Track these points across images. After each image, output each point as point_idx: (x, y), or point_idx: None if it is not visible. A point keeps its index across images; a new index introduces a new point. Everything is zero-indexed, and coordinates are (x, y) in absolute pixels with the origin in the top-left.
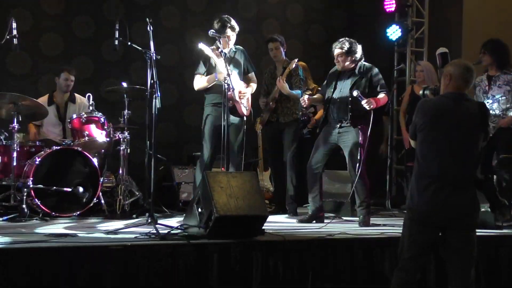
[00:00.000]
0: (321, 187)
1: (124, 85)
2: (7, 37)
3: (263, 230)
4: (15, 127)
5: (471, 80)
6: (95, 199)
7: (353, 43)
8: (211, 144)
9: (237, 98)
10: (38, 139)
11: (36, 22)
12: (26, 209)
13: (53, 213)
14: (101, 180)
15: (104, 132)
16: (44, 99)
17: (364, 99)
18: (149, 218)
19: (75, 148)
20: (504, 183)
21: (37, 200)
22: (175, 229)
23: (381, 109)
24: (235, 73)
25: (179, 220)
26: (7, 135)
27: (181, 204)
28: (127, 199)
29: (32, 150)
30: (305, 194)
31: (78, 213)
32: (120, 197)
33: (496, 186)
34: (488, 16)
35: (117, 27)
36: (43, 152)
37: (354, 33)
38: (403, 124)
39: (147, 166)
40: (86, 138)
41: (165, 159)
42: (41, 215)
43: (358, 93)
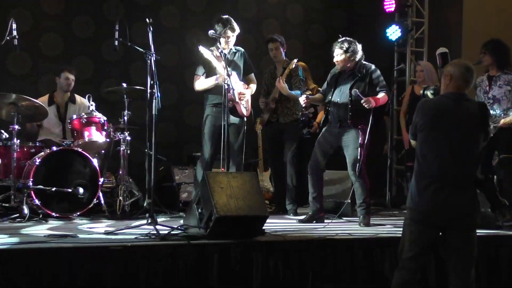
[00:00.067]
0: (321, 187)
1: (124, 85)
2: (7, 38)
3: (263, 230)
4: (15, 128)
5: (471, 80)
6: (95, 199)
7: (353, 43)
8: (211, 144)
9: (237, 99)
10: (37, 135)
11: (36, 22)
12: (26, 210)
13: (53, 214)
14: (101, 180)
15: (104, 132)
16: (44, 99)
17: (362, 98)
18: (149, 218)
19: (75, 148)
20: (504, 183)
21: (37, 200)
22: (175, 230)
23: (381, 109)
24: (234, 74)
25: (180, 220)
26: (7, 135)
27: (181, 204)
28: (127, 200)
29: (32, 150)
30: (305, 194)
31: (78, 213)
32: (120, 198)
33: (496, 186)
34: (488, 16)
35: (117, 27)
36: (43, 152)
37: (354, 33)
38: (403, 124)
39: (147, 166)
40: (86, 138)
41: (165, 159)
42: (41, 216)
43: (356, 92)
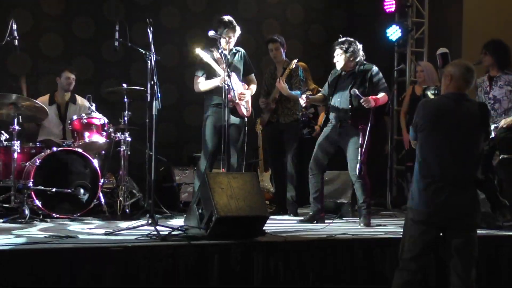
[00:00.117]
0: (322, 188)
1: (124, 86)
2: (7, 38)
3: (264, 230)
4: (15, 129)
5: (472, 80)
6: (95, 200)
7: (353, 43)
8: (211, 145)
9: (237, 99)
10: (36, 135)
11: (36, 22)
12: (26, 211)
13: (54, 214)
14: (102, 181)
15: (104, 133)
16: (45, 99)
17: (362, 97)
18: (149, 219)
19: (76, 149)
20: (504, 183)
21: (37, 201)
22: (175, 230)
23: (381, 109)
24: (234, 74)
25: (180, 221)
26: (8, 136)
27: (182, 205)
28: (128, 200)
29: (32, 151)
30: (306, 194)
31: (78, 214)
32: (120, 198)
33: (497, 186)
34: (488, 16)
35: (117, 28)
36: (43, 153)
37: (354, 33)
38: (403, 124)
39: (148, 167)
40: (86, 139)
41: (165, 160)
42: (41, 217)
43: (356, 91)
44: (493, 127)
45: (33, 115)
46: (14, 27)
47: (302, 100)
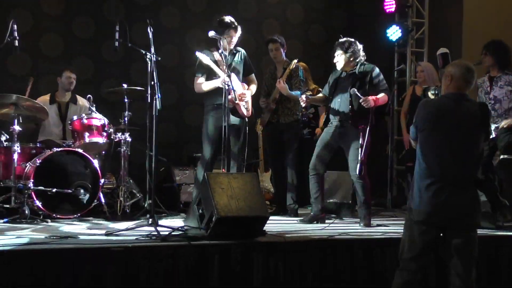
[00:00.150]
0: (322, 188)
1: (124, 86)
2: (7, 38)
3: (264, 231)
4: (15, 129)
5: (472, 80)
6: (95, 200)
7: (353, 43)
8: (211, 145)
9: (238, 100)
10: (35, 135)
11: (36, 22)
12: (27, 211)
13: (54, 215)
14: (102, 181)
15: (104, 133)
16: (45, 98)
17: (361, 97)
18: (149, 219)
19: (76, 149)
20: (504, 183)
21: (37, 201)
22: (176, 230)
23: (381, 109)
24: (234, 75)
25: (180, 221)
26: (8, 137)
27: (182, 205)
28: (128, 201)
29: (32, 151)
30: (306, 195)
31: (79, 214)
32: (120, 199)
33: (497, 186)
34: (488, 16)
35: (117, 28)
36: (43, 153)
37: (354, 33)
38: (403, 124)
39: (148, 167)
40: (86, 139)
41: (165, 160)
42: (42, 217)
43: (355, 91)
44: (493, 127)
45: (34, 116)
46: (14, 27)
47: (301, 100)
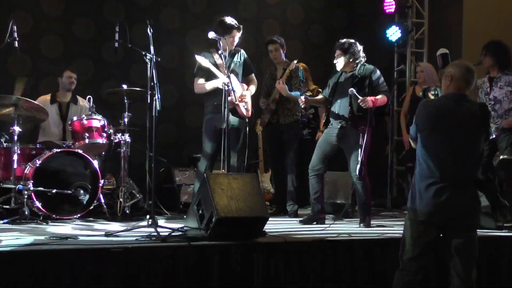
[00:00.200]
0: (322, 189)
1: (124, 87)
2: (7, 39)
3: (264, 231)
4: (15, 130)
5: (472, 81)
6: (95, 201)
7: (353, 44)
8: (211, 146)
9: (237, 100)
10: (35, 135)
11: (36, 23)
12: (26, 212)
13: (54, 216)
14: (102, 182)
15: (104, 134)
16: (46, 98)
17: (359, 97)
18: (149, 220)
19: (76, 150)
20: (504, 184)
21: (37, 202)
22: (175, 231)
23: (381, 110)
24: (234, 75)
25: (180, 222)
26: (8, 137)
27: (182, 206)
28: (128, 201)
29: (32, 152)
30: (306, 195)
31: (78, 215)
32: (120, 199)
33: (497, 187)
34: (488, 16)
35: (117, 29)
36: (43, 154)
37: (354, 33)
38: (403, 125)
39: (148, 168)
40: (86, 140)
41: (165, 160)
42: (41, 218)
43: (353, 91)
44: (493, 127)
45: (33, 116)
46: (14, 28)
47: (300, 101)
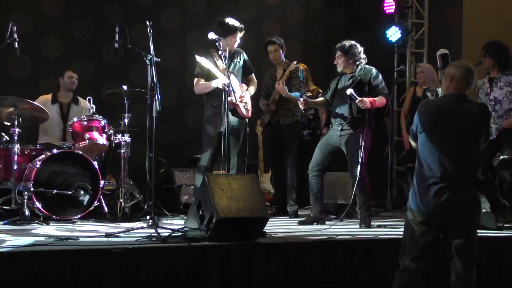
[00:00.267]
0: (322, 189)
1: (124, 87)
2: (7, 41)
3: (264, 232)
4: (15, 131)
5: (472, 81)
6: (96, 202)
7: (353, 45)
8: (211, 146)
9: (237, 100)
10: (36, 136)
11: (36, 25)
12: (27, 213)
13: (54, 216)
14: (102, 183)
15: (104, 135)
16: (47, 97)
17: (357, 98)
18: (150, 220)
19: (76, 151)
20: (505, 184)
21: (38, 203)
22: (176, 232)
23: (381, 111)
24: (234, 76)
25: (180, 222)
26: (8, 138)
27: (182, 206)
28: (128, 202)
29: (33, 153)
30: (306, 196)
31: (79, 216)
32: (121, 200)
33: (497, 187)
34: (488, 16)
35: (117, 29)
36: (43, 155)
37: (354, 34)
38: (404, 125)
39: (148, 168)
40: (86, 141)
41: (165, 161)
42: (42, 219)
43: (352, 92)
44: (494, 128)
45: (34, 117)
46: (14, 29)
47: (300, 103)
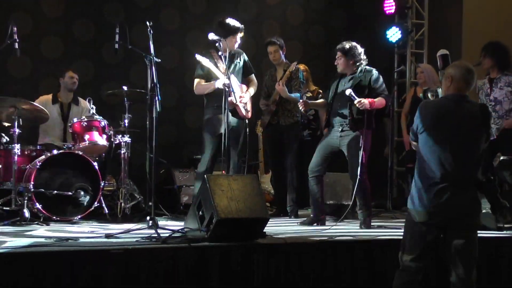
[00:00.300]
0: (322, 190)
1: (124, 88)
2: (7, 41)
3: (264, 232)
4: (15, 131)
5: (472, 81)
6: (96, 202)
7: (354, 46)
8: (211, 147)
9: (237, 101)
10: (38, 142)
11: (36, 25)
12: (27, 213)
13: (54, 217)
14: (102, 183)
15: (104, 135)
16: (48, 97)
17: (356, 98)
18: (150, 221)
19: (76, 152)
20: (505, 184)
21: (38, 204)
22: (176, 232)
23: (381, 112)
24: (234, 76)
25: (180, 223)
26: (8, 139)
27: (182, 207)
28: (128, 203)
29: (33, 154)
30: (306, 196)
31: (79, 217)
32: (121, 201)
33: (497, 187)
34: (488, 16)
35: (117, 30)
36: (44, 156)
37: (354, 34)
38: (404, 125)
39: (148, 169)
40: (87, 142)
41: (165, 162)
42: (42, 219)
43: (351, 92)
44: (494, 128)
45: (34, 118)
46: (14, 29)
47: (300, 105)
